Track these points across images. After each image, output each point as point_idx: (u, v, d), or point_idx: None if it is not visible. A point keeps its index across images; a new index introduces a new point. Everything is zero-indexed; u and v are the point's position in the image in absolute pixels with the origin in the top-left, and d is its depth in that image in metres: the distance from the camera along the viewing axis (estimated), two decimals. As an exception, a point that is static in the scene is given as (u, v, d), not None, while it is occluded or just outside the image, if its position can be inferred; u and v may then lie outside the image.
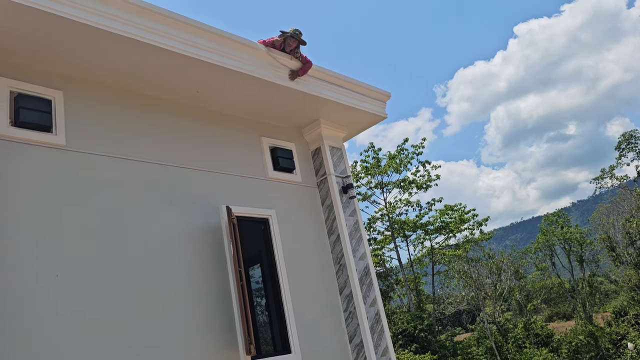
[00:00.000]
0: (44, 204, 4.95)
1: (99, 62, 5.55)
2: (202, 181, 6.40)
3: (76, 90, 5.62)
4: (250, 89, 6.67)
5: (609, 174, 41.37)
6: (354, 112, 7.81)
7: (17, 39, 4.96)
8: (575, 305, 35.07)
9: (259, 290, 7.85)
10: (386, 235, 29.78)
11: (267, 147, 7.46)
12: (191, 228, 6.02)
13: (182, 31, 5.68)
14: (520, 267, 34.67)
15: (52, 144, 5.20)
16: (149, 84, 6.14)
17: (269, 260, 6.86)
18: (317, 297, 7.10)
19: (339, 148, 8.22)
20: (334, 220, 7.61)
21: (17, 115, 5.01)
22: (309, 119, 7.85)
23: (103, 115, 5.76)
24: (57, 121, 5.30)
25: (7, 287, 4.47)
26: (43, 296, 4.63)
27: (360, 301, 7.12)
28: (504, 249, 40.47)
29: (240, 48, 6.26)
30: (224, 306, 5.91)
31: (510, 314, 36.58)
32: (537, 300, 37.00)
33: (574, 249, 35.47)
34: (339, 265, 7.46)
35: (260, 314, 7.97)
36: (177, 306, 5.51)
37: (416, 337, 24.28)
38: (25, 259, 4.65)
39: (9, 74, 5.15)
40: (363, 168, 28.84)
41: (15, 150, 4.96)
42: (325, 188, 7.83)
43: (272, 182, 7.31)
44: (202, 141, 6.67)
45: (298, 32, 6.71)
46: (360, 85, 7.76)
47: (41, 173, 5.04)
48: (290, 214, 7.28)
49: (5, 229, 4.63)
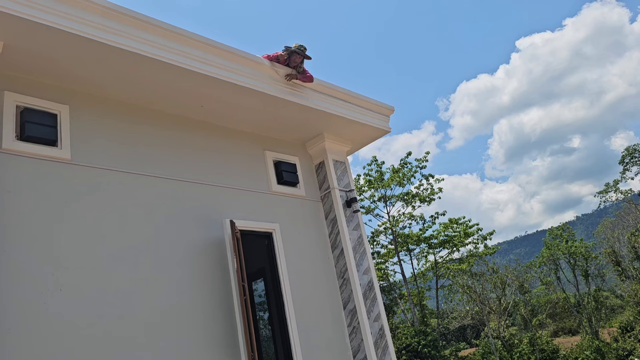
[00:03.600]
0: (49, 218, 4.96)
1: (104, 76, 5.59)
2: (205, 195, 6.40)
3: (82, 104, 5.66)
4: (254, 103, 6.70)
5: (613, 188, 41.27)
6: (357, 126, 7.83)
7: (23, 54, 5.01)
8: (581, 320, 34.74)
9: (262, 304, 7.81)
10: (389, 249, 29.66)
11: (270, 161, 7.48)
12: (195, 242, 6.01)
13: (187, 46, 5.73)
14: (525, 282, 34.41)
15: (57, 158, 5.23)
16: (153, 98, 6.18)
17: (273, 274, 6.83)
18: (321, 311, 7.05)
19: (342, 162, 8.23)
20: (338, 234, 7.59)
21: (23, 129, 5.05)
22: (313, 133, 7.87)
23: (108, 130, 5.79)
24: (62, 135, 5.33)
25: (13, 299, 4.46)
26: (48, 308, 4.62)
27: (364, 316, 7.07)
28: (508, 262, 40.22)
29: (245, 63, 6.30)
30: (227, 320, 5.88)
31: (515, 328, 36.26)
32: (542, 315, 36.70)
33: (579, 263, 35.23)
34: (343, 279, 7.42)
35: (263, 327, 7.92)
36: (180, 320, 5.48)
37: (420, 352, 24.06)
38: (30, 272, 4.65)
39: (15, 88, 5.20)
40: (366, 181, 28.82)
41: (21, 163, 4.98)
42: (329, 202, 7.82)
43: (276, 196, 7.31)
44: (206, 155, 6.69)
45: (302, 47, 6.76)
46: (364, 100, 7.79)
47: (46, 186, 5.06)
48: (294, 228, 7.27)
49: (10, 241, 4.64)
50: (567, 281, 37.20)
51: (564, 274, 36.99)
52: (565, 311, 38.44)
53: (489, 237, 30.04)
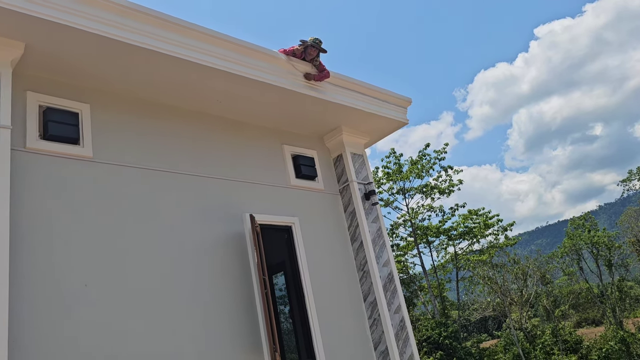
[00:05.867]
0: (73, 215, 5.06)
1: (123, 74, 5.66)
2: (225, 190, 6.46)
3: (102, 102, 5.74)
4: (271, 97, 6.72)
5: (637, 176, 40.44)
6: (375, 118, 7.81)
7: (44, 55, 5.10)
8: (604, 310, 34.26)
9: (283, 298, 7.87)
10: (409, 241, 29.55)
11: (289, 155, 7.50)
12: (215, 237, 6.07)
13: (204, 42, 5.77)
14: (547, 272, 34.01)
15: (79, 156, 5.32)
16: (172, 95, 6.24)
17: (293, 268, 6.87)
18: (341, 304, 7.08)
19: (360, 155, 8.22)
20: (357, 227, 7.60)
21: (46, 129, 5.14)
22: (330, 126, 7.87)
23: (128, 127, 5.87)
24: (84, 133, 5.42)
25: (38, 296, 4.57)
26: (73, 305, 4.72)
27: (384, 308, 7.08)
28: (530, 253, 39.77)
29: (261, 57, 6.32)
30: (248, 314, 5.94)
31: (537, 320, 35.91)
32: (565, 305, 36.26)
33: (602, 253, 34.67)
34: (363, 272, 7.43)
35: (284, 321, 7.98)
36: (202, 313, 5.56)
37: (441, 344, 23.99)
38: (54, 269, 4.75)
39: (37, 88, 5.29)
40: (385, 174, 28.70)
41: (44, 162, 5.08)
42: (347, 195, 7.83)
43: (295, 190, 7.33)
44: (224, 150, 6.74)
45: (318, 41, 6.75)
46: (381, 92, 7.76)
47: (69, 184, 5.16)
48: (313, 222, 7.29)
49: (35, 239, 4.74)
50: (590, 271, 36.66)
51: (586, 264, 36.46)
52: (589, 302, 37.92)
53: (509, 228, 29.72)
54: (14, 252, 4.48)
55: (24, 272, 4.56)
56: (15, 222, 4.60)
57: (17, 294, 4.41)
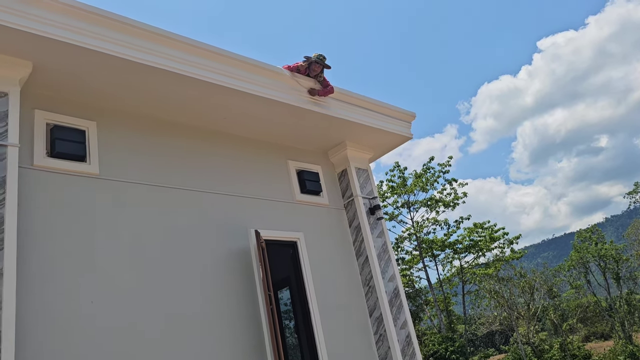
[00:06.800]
0: (79, 231, 5.08)
1: (129, 92, 5.73)
2: (231, 206, 6.48)
3: (108, 120, 5.80)
4: (275, 113, 6.77)
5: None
6: (379, 133, 7.84)
7: (51, 73, 5.17)
8: (613, 324, 33.88)
9: (288, 313, 7.84)
10: (414, 255, 29.41)
11: (293, 170, 7.53)
12: (221, 252, 6.08)
13: (210, 59, 5.83)
14: (554, 286, 33.73)
15: (86, 173, 5.36)
16: (177, 112, 6.29)
17: (298, 283, 6.86)
18: (347, 319, 7.05)
19: (365, 169, 8.24)
20: (362, 241, 7.59)
21: (53, 146, 5.19)
22: (335, 141, 7.91)
23: (134, 144, 5.92)
24: (90, 151, 5.47)
25: (46, 309, 4.58)
26: (79, 319, 4.72)
27: (390, 323, 7.04)
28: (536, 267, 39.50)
29: (265, 74, 6.38)
30: (254, 329, 5.92)
31: (545, 334, 35.51)
32: (572, 319, 35.87)
33: (609, 266, 34.36)
34: (368, 287, 7.41)
35: (289, 336, 7.94)
36: (208, 329, 5.55)
37: (448, 358, 23.76)
38: (62, 284, 4.76)
39: (45, 106, 5.36)
40: (389, 187, 28.68)
41: (51, 180, 5.12)
42: (352, 210, 7.83)
43: (300, 205, 7.35)
44: (230, 166, 6.78)
45: (322, 57, 6.82)
46: (384, 107, 7.80)
47: (76, 201, 5.19)
48: (318, 237, 7.29)
49: (42, 256, 4.76)
50: (598, 284, 36.31)
51: (594, 277, 36.13)
52: (597, 315, 37.50)
53: (515, 241, 29.56)
54: (21, 268, 4.50)
55: (32, 289, 4.57)
56: (23, 239, 4.62)
57: (24, 310, 4.42)
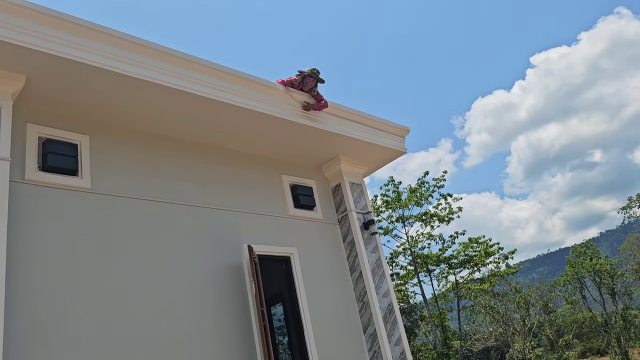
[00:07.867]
0: (71, 246, 5.03)
1: (122, 106, 5.71)
2: (223, 220, 6.44)
3: (101, 134, 5.78)
4: (269, 128, 6.76)
5: (637, 203, 40.38)
6: (373, 148, 7.84)
7: (44, 87, 5.16)
8: (609, 340, 33.75)
9: (282, 329, 7.76)
10: (409, 270, 29.30)
11: (287, 185, 7.51)
12: (213, 267, 6.03)
13: (204, 74, 5.83)
14: (549, 301, 33.65)
15: (78, 187, 5.32)
16: (171, 127, 6.28)
17: (291, 299, 6.80)
18: (341, 336, 6.98)
19: (359, 184, 8.22)
20: (356, 257, 7.55)
21: (45, 160, 5.16)
22: (329, 155, 7.90)
23: (126, 158, 5.89)
24: (82, 165, 5.44)
25: (34, 323, 4.50)
26: (69, 333, 4.65)
27: (384, 340, 6.98)
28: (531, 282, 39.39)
29: (259, 88, 6.39)
30: (246, 345, 5.85)
31: (541, 350, 35.32)
32: (568, 335, 35.72)
33: (604, 281, 34.34)
34: (362, 302, 7.35)
35: (282, 352, 7.85)
36: (199, 345, 5.47)
37: (444, 375, 23.54)
38: (52, 299, 4.70)
39: (37, 120, 5.33)
40: (383, 202, 28.65)
41: (43, 194, 5.07)
42: (346, 224, 7.80)
43: (293, 220, 7.31)
44: (223, 180, 6.75)
45: (316, 71, 6.84)
46: (379, 122, 7.81)
47: (67, 215, 5.14)
48: (311, 252, 7.24)
49: (33, 270, 4.70)
50: (593, 300, 36.25)
51: (589, 293, 36.08)
52: (593, 331, 37.35)
53: (510, 256, 29.49)
54: (10, 282, 4.43)
55: (21, 303, 4.50)
56: (13, 253, 4.56)
57: (13, 324, 4.35)
